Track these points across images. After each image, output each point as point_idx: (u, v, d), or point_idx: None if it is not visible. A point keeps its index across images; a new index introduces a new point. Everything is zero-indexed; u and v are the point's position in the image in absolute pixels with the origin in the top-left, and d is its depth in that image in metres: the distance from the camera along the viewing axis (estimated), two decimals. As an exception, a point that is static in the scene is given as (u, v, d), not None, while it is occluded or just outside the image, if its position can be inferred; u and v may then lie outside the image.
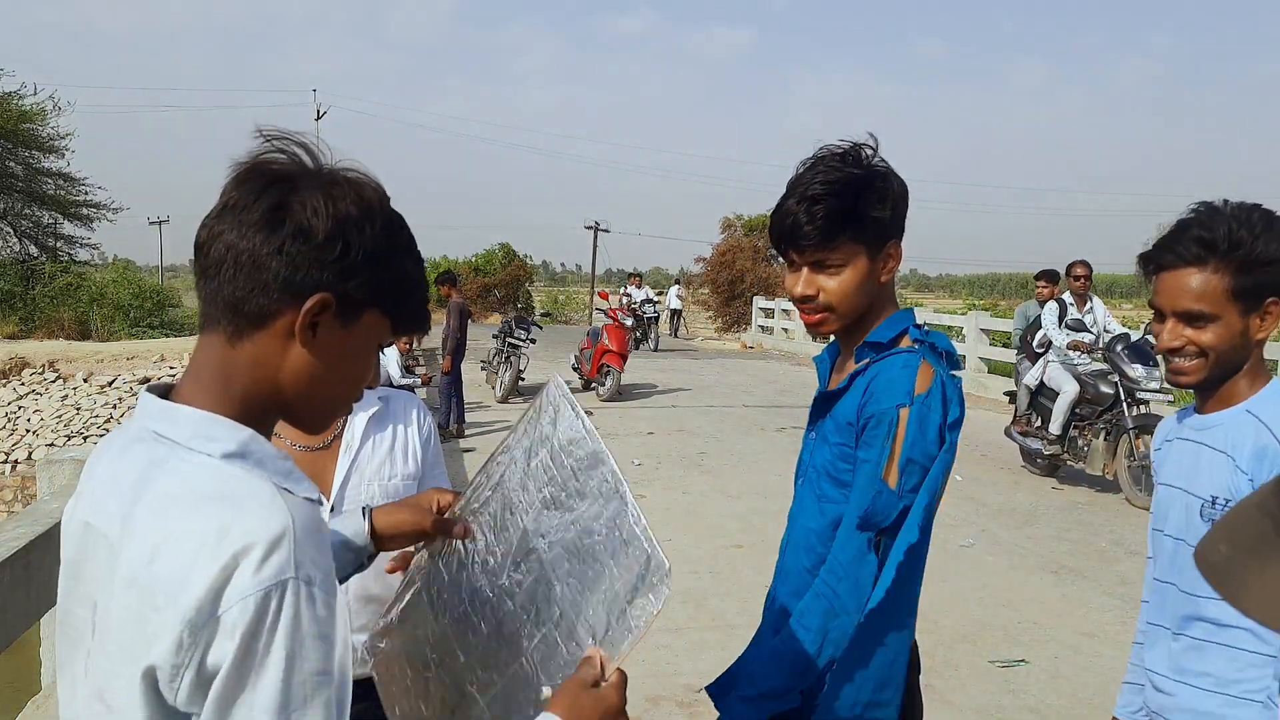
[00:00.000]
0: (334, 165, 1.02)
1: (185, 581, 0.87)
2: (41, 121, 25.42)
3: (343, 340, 1.01)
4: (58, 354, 18.17)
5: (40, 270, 24.65)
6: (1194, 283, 1.51)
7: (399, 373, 9.47)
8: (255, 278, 0.95)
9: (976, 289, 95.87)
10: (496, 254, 35.19)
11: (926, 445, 1.47)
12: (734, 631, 4.61)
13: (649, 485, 7.75)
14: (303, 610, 0.89)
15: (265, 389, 0.99)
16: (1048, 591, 5.31)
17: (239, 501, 0.90)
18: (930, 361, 1.52)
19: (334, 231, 0.96)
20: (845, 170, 1.54)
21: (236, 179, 0.98)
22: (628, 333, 12.85)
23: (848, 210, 1.53)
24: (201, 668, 0.88)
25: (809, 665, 1.47)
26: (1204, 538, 0.66)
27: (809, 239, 1.54)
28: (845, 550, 1.48)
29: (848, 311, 1.59)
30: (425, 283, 1.10)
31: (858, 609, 1.45)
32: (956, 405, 1.53)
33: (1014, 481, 8.07)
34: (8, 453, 14.74)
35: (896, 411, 1.48)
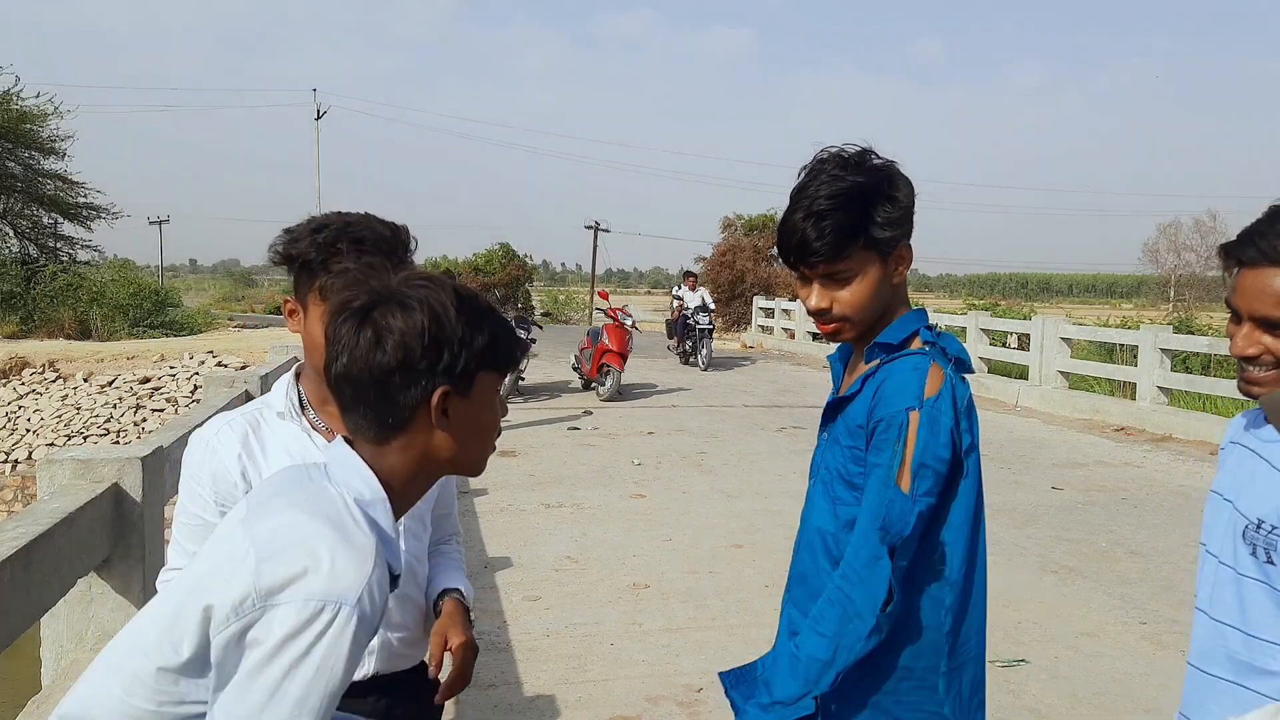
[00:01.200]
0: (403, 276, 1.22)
1: (272, 559, 1.04)
2: (41, 123, 25.41)
3: (469, 407, 1.21)
4: (58, 354, 18.16)
5: (40, 270, 24.65)
6: (1278, 285, 1.33)
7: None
8: (384, 399, 1.16)
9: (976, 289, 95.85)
10: (496, 254, 35.13)
11: (938, 449, 1.46)
12: (734, 631, 4.61)
13: (649, 485, 7.75)
14: (342, 638, 1.03)
15: (415, 466, 1.21)
16: (1048, 591, 5.31)
17: (347, 533, 1.09)
18: (940, 364, 1.51)
19: (426, 341, 1.15)
20: (849, 179, 1.52)
21: (335, 320, 1.19)
22: (627, 332, 12.84)
23: (856, 222, 1.51)
24: (241, 635, 1.03)
25: (823, 671, 1.46)
26: None
27: (819, 255, 1.53)
28: (859, 555, 1.47)
29: (863, 319, 1.58)
30: (506, 323, 1.28)
31: (871, 614, 1.44)
32: (966, 418, 1.51)
33: (1014, 481, 8.07)
34: (8, 452, 14.73)
35: (906, 415, 1.46)
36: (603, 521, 6.63)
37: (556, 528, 6.45)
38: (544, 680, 4.04)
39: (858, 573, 1.46)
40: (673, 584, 5.32)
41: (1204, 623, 1.46)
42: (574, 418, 11.05)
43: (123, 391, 16.46)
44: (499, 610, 4.86)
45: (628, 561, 5.71)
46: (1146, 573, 5.62)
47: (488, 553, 5.84)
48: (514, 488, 7.58)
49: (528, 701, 3.85)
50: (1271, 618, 1.35)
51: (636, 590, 5.23)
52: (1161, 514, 7.00)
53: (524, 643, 4.45)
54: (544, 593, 5.15)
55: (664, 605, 4.99)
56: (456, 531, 1.94)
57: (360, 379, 1.16)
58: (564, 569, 5.57)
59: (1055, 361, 12.77)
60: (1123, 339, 12.77)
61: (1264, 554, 1.35)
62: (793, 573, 1.69)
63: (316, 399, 1.69)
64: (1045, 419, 11.72)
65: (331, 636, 1.02)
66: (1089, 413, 11.63)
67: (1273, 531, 1.34)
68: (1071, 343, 13.06)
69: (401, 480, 1.21)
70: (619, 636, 4.56)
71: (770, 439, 9.95)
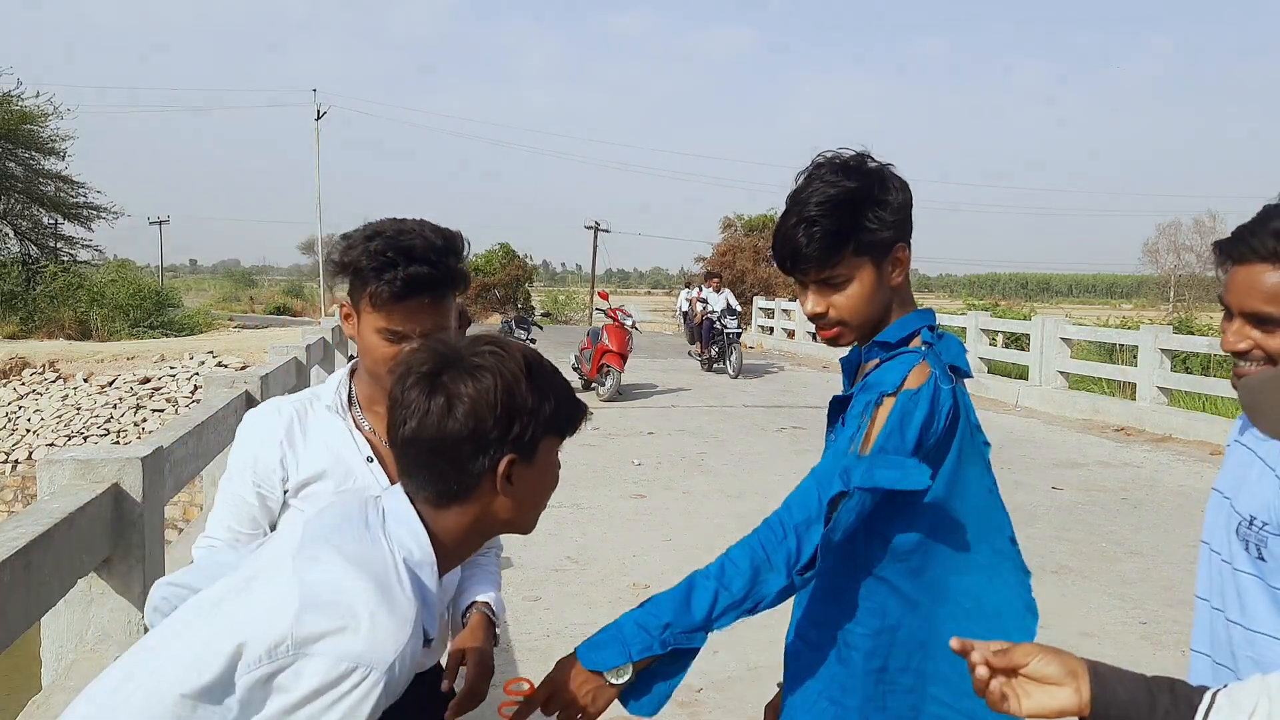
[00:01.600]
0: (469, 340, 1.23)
1: (314, 610, 1.04)
2: (42, 123, 25.44)
3: (532, 473, 1.22)
4: (58, 354, 18.17)
5: (41, 271, 24.66)
6: (1268, 281, 1.35)
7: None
8: (452, 465, 1.16)
9: (977, 289, 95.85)
10: (496, 254, 35.18)
11: (902, 442, 1.44)
12: (734, 632, 4.59)
13: (649, 485, 7.75)
14: (365, 701, 1.04)
15: (471, 528, 1.22)
16: (1048, 592, 5.31)
17: (391, 597, 1.09)
18: (930, 363, 1.51)
19: (499, 411, 1.16)
20: (840, 184, 1.52)
21: (402, 383, 1.19)
22: (627, 333, 12.83)
23: (846, 228, 1.51)
24: (270, 679, 1.03)
25: (724, 607, 1.46)
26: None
27: (810, 261, 1.53)
28: (798, 510, 1.44)
29: (861, 323, 1.58)
30: (569, 388, 1.29)
31: (788, 574, 1.42)
32: (944, 420, 1.47)
33: (1013, 481, 8.07)
34: (8, 453, 14.74)
35: (880, 398, 1.47)
36: (603, 522, 6.63)
37: (556, 528, 6.45)
38: (544, 680, 4.04)
39: (789, 528, 1.43)
40: (673, 584, 5.31)
41: (1205, 611, 1.48)
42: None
43: (123, 392, 16.48)
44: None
45: (628, 562, 5.71)
46: (1147, 573, 5.62)
47: (488, 553, 5.84)
48: (514, 488, 7.58)
49: (528, 702, 3.85)
50: (1266, 610, 1.37)
51: (636, 590, 5.22)
52: (1162, 514, 7.00)
53: (524, 643, 4.45)
54: (544, 593, 5.15)
55: (664, 605, 4.99)
56: (497, 544, 1.95)
57: (429, 444, 1.16)
58: (564, 569, 5.57)
59: (1055, 361, 12.77)
60: (1123, 339, 12.77)
61: (1255, 550, 1.37)
62: None
63: (365, 398, 1.76)
64: (1045, 419, 11.72)
65: (355, 698, 1.03)
66: (1089, 413, 11.63)
67: (1264, 528, 1.36)
68: (1071, 343, 13.06)
69: (455, 541, 1.21)
70: (619, 637, 4.56)
71: (771, 439, 9.95)
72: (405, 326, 1.66)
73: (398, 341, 1.67)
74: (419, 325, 1.67)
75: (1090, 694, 1.07)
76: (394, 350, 1.66)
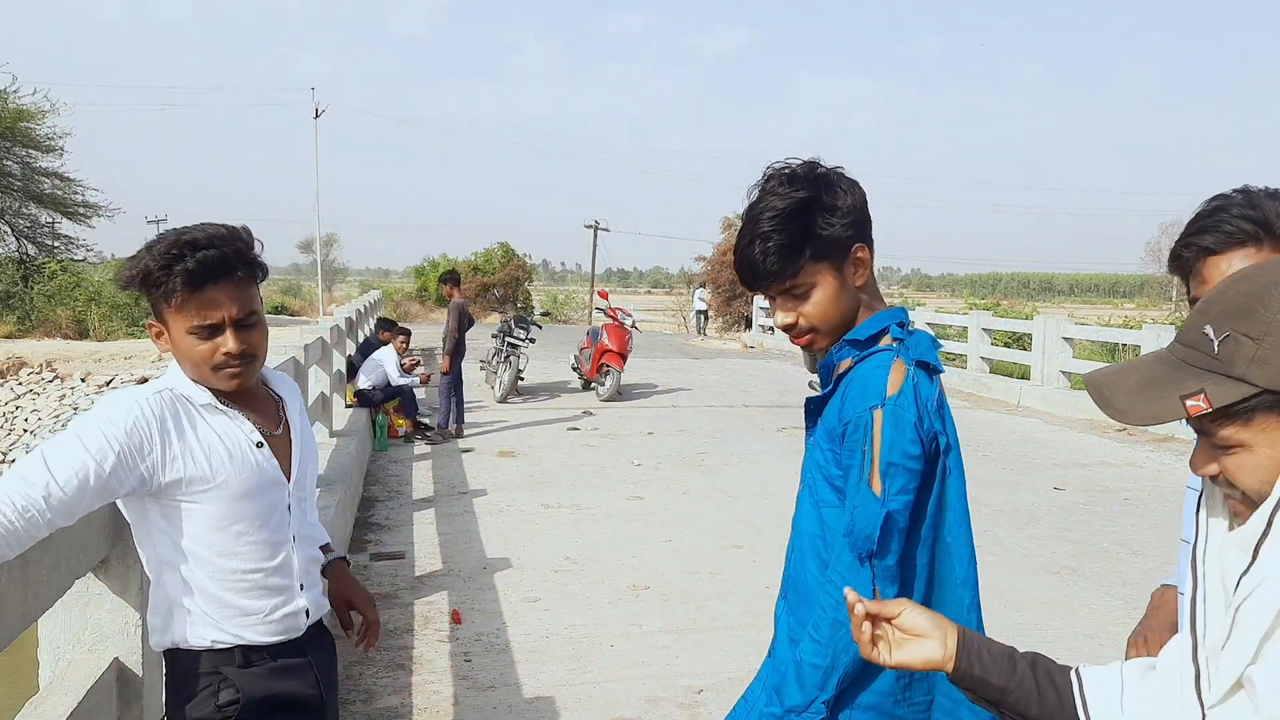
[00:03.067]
0: None
1: None
2: (39, 120, 25.40)
3: None
4: (55, 353, 18.16)
5: (38, 269, 24.64)
6: (1237, 265, 1.34)
7: (397, 372, 9.46)
8: None
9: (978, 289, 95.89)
10: (496, 253, 35.19)
11: (905, 445, 1.47)
12: (734, 633, 4.60)
13: (649, 486, 7.74)
14: None
15: None
16: (1049, 593, 5.30)
17: None
18: (904, 360, 1.53)
19: None
20: (790, 195, 1.55)
21: None
22: (627, 332, 12.81)
23: (799, 238, 1.55)
24: None
25: (826, 676, 1.48)
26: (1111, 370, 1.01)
27: (770, 277, 1.58)
28: (841, 560, 1.50)
29: (831, 327, 1.61)
30: None
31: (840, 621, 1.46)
32: (933, 415, 1.51)
33: (1015, 482, 8.06)
34: (5, 452, 14.72)
35: (870, 414, 1.49)
36: (602, 522, 6.62)
37: (556, 528, 6.44)
38: (544, 682, 4.03)
39: (842, 577, 1.49)
40: (673, 585, 5.31)
41: (1185, 604, 1.51)
42: (574, 418, 11.03)
43: (122, 391, 16.46)
44: (498, 611, 4.85)
45: (627, 562, 5.70)
46: (1148, 573, 5.61)
47: (487, 553, 5.83)
48: (514, 488, 7.57)
49: (527, 703, 3.84)
50: None
51: (636, 591, 5.22)
52: (1163, 514, 6.99)
53: (524, 644, 4.44)
54: (544, 594, 5.14)
55: (664, 606, 4.98)
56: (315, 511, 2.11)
57: None
58: (564, 570, 5.56)
59: (1057, 361, 12.76)
60: (1125, 338, 12.77)
61: None
62: (785, 576, 1.70)
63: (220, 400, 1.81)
64: (1047, 419, 11.71)
65: None
66: (1091, 413, 11.61)
67: None
68: (1074, 342, 13.05)
69: None
70: (619, 638, 4.55)
71: (771, 439, 9.94)
72: (211, 317, 1.70)
73: (210, 336, 1.71)
74: (224, 312, 1.71)
75: (955, 650, 1.14)
76: (210, 346, 1.71)
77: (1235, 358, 0.89)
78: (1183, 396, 0.93)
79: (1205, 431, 0.96)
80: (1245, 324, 0.89)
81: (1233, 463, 0.94)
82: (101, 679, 2.13)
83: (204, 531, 1.74)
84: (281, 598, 1.84)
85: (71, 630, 2.23)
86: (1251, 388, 0.88)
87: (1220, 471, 0.96)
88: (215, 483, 1.72)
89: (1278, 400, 0.88)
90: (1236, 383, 0.89)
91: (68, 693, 2.04)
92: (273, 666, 1.83)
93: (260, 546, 1.79)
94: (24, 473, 1.54)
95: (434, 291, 34.61)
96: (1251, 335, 0.89)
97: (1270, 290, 0.89)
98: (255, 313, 1.78)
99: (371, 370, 9.40)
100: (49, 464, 1.56)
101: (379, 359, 9.52)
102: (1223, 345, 0.90)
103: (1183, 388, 0.93)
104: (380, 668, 4.11)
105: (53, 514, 1.53)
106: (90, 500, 1.61)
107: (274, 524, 1.82)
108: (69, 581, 2.06)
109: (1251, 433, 0.91)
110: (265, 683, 1.81)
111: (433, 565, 5.59)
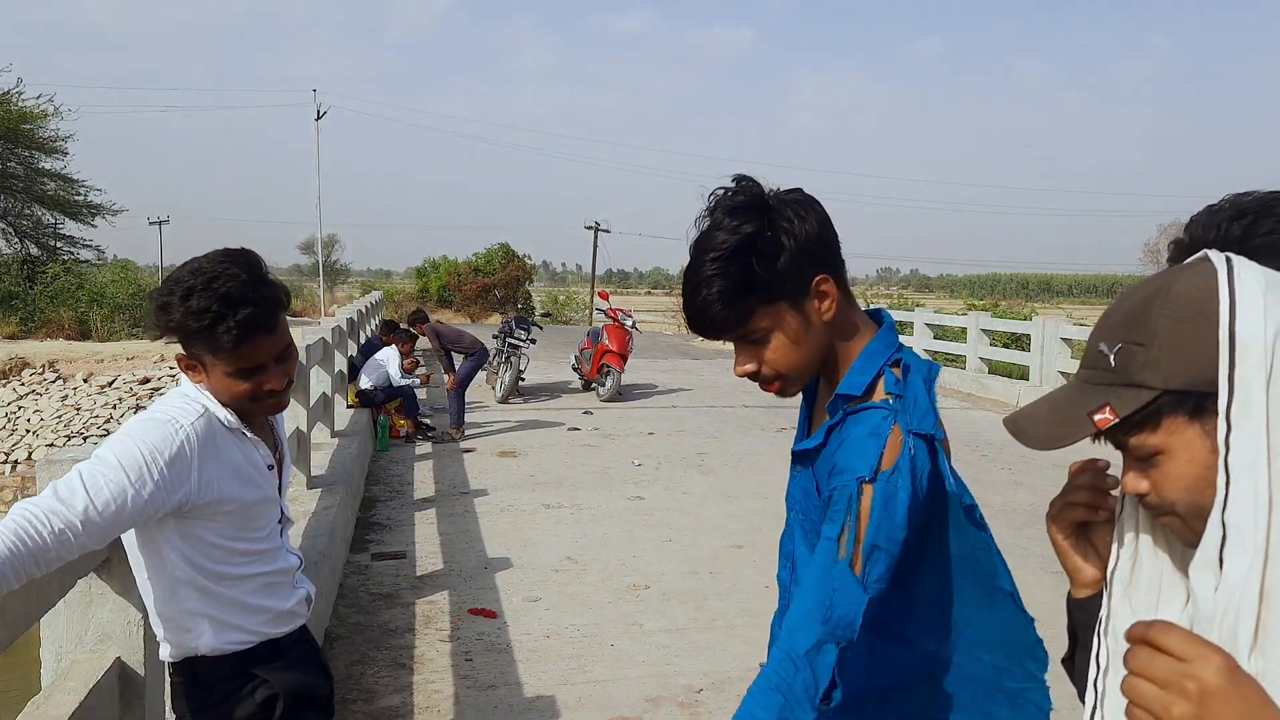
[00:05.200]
0: None
1: None
2: (41, 122, 25.43)
3: None
4: (58, 354, 18.16)
5: (41, 270, 24.64)
6: None
7: (399, 374, 9.47)
8: None
9: (977, 289, 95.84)
10: (496, 254, 35.17)
11: (893, 529, 1.33)
12: (734, 632, 4.61)
13: (649, 486, 7.75)
14: None
15: None
16: (1049, 592, 5.31)
17: None
18: (901, 426, 1.36)
19: None
20: (736, 230, 1.36)
21: None
22: (628, 333, 12.82)
23: (743, 282, 1.37)
24: None
25: None
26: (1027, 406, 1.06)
27: (719, 326, 1.41)
28: (802, 638, 1.32)
29: (798, 372, 1.45)
30: None
31: (813, 706, 1.31)
32: (930, 482, 1.37)
33: (1015, 482, 8.07)
34: (8, 453, 14.73)
35: (858, 485, 1.34)
36: (603, 522, 6.63)
37: (556, 528, 6.45)
38: (544, 681, 4.04)
39: (800, 658, 1.32)
40: (673, 585, 5.31)
41: None
42: (574, 418, 11.04)
43: (122, 392, 16.47)
44: (499, 611, 4.86)
45: (628, 562, 5.71)
46: (1147, 573, 5.62)
47: (488, 553, 5.84)
48: (514, 488, 7.58)
49: (528, 702, 3.85)
50: None
51: (636, 591, 5.22)
52: (1162, 514, 7.00)
53: (524, 643, 4.45)
54: (544, 593, 5.14)
55: (664, 606, 4.99)
56: None
57: None
58: (564, 570, 5.57)
59: (1056, 362, 12.76)
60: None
61: None
62: (782, 601, 1.63)
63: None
64: (1046, 419, 11.71)
65: None
66: (1089, 413, 11.61)
67: None
68: (1072, 343, 13.05)
69: None
70: (619, 637, 4.56)
71: (770, 439, 9.94)
72: (256, 361, 1.76)
73: (253, 376, 1.77)
74: (266, 355, 1.77)
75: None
76: (254, 384, 1.77)
77: (1130, 366, 0.92)
78: (1089, 413, 0.95)
79: (1123, 447, 0.97)
80: (1134, 333, 0.92)
81: (1158, 475, 0.95)
82: (104, 679, 2.14)
83: (217, 546, 1.82)
84: (289, 590, 1.97)
85: (74, 630, 2.24)
86: (1150, 391, 0.90)
87: (1150, 489, 0.96)
88: (236, 504, 1.80)
89: (1178, 399, 0.90)
90: (1136, 389, 0.91)
91: (70, 692, 2.05)
92: (291, 658, 1.95)
93: (263, 555, 1.90)
94: (62, 494, 1.55)
95: (435, 292, 34.63)
96: (1140, 341, 0.91)
97: (1153, 298, 0.92)
98: (289, 344, 1.84)
99: (373, 371, 9.41)
100: (88, 488, 1.57)
101: (381, 359, 9.53)
102: (1118, 357, 0.93)
103: (1089, 405, 0.96)
104: (381, 667, 4.12)
105: (86, 537, 1.55)
106: (126, 525, 1.64)
107: (270, 533, 1.93)
108: (71, 582, 2.07)
109: (1162, 437, 0.92)
110: (289, 674, 1.92)
111: (434, 565, 5.60)
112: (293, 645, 1.97)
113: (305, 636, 2.04)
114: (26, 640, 1.98)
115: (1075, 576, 1.09)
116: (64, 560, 1.53)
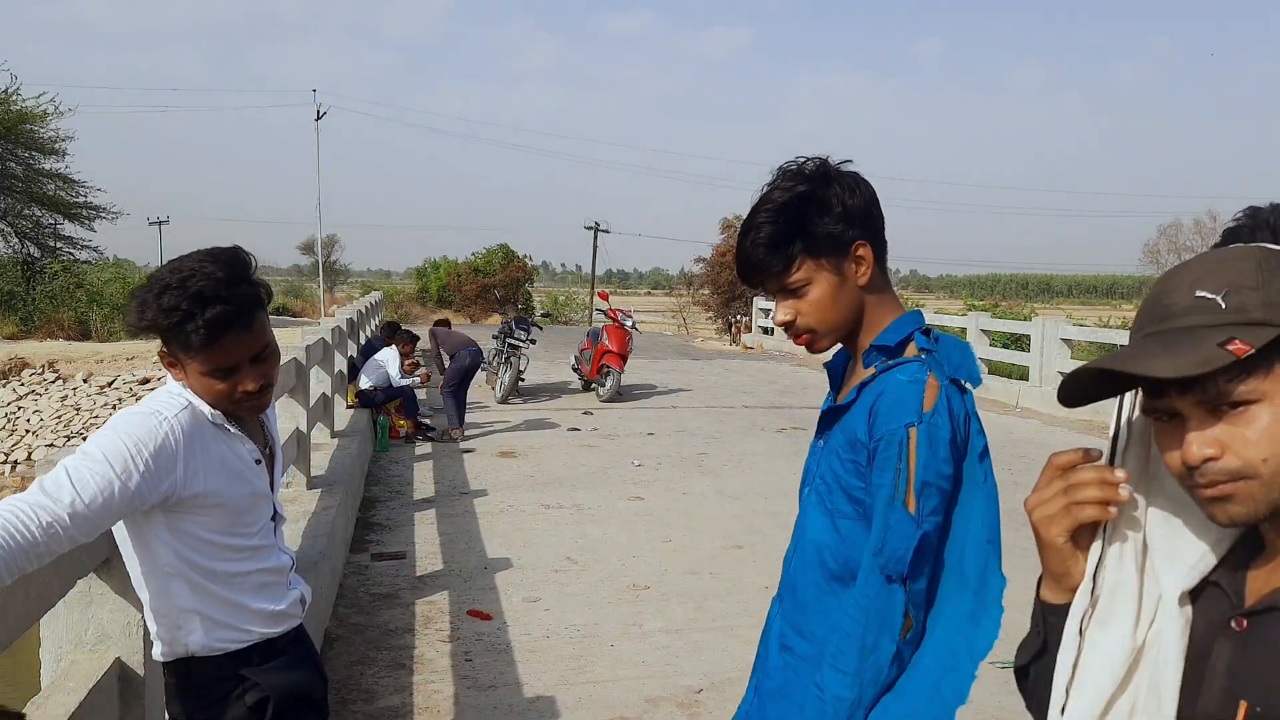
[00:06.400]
0: None
1: None
2: (41, 123, 25.42)
3: None
4: (57, 354, 18.15)
5: (41, 271, 24.64)
6: None
7: (398, 373, 9.47)
8: None
9: (977, 289, 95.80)
10: (496, 254, 35.15)
11: (939, 464, 1.43)
12: (734, 633, 4.61)
13: (649, 486, 7.75)
14: None
15: None
16: (1048, 592, 5.31)
17: None
18: (936, 375, 1.48)
19: None
20: (791, 190, 1.53)
21: None
22: (628, 333, 12.81)
23: (790, 231, 1.52)
24: None
25: (853, 710, 1.43)
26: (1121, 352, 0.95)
27: (765, 270, 1.55)
28: (870, 584, 1.44)
29: (830, 327, 1.57)
30: None
31: (892, 642, 1.42)
32: (965, 427, 1.48)
33: (1015, 482, 8.07)
34: (7, 453, 14.72)
35: (906, 431, 1.43)
36: (603, 522, 6.63)
37: (556, 529, 6.45)
38: (544, 681, 4.04)
39: (871, 601, 1.43)
40: (673, 585, 5.31)
41: None
42: (574, 419, 11.04)
43: (122, 392, 16.47)
44: (499, 611, 4.86)
45: (628, 563, 5.71)
46: (1147, 574, 5.62)
47: (488, 553, 5.84)
48: (514, 488, 7.58)
49: (528, 703, 3.85)
50: None
51: (636, 591, 5.22)
52: (1162, 515, 6.99)
53: (524, 644, 4.44)
54: (544, 594, 5.14)
55: (664, 606, 4.99)
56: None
57: None
58: (564, 570, 5.57)
59: (1056, 362, 12.76)
60: (1123, 339, 12.75)
61: None
62: (784, 582, 1.66)
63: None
64: (1046, 420, 11.72)
65: None
66: (1090, 413, 11.61)
67: None
68: (1072, 343, 13.05)
69: None
70: (619, 638, 4.56)
71: (770, 440, 9.94)
72: (229, 361, 1.74)
73: (228, 376, 1.76)
74: (241, 355, 1.76)
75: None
76: (229, 385, 1.76)
77: (1248, 305, 0.86)
78: (1220, 344, 0.85)
79: (1217, 396, 0.87)
80: (1239, 277, 0.88)
81: (1246, 433, 0.86)
82: (103, 679, 2.14)
83: (208, 542, 1.81)
84: (283, 590, 1.96)
85: (73, 630, 2.24)
86: (1275, 329, 0.85)
87: (1221, 451, 0.87)
88: (225, 498, 1.79)
89: None
90: (1260, 326, 0.85)
91: (69, 693, 2.05)
92: (284, 659, 1.94)
93: (256, 552, 1.89)
94: (48, 489, 1.55)
95: (435, 293, 34.62)
96: (1251, 286, 0.87)
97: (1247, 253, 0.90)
98: (268, 345, 1.83)
99: (373, 371, 9.41)
100: (74, 481, 1.57)
101: (381, 359, 9.53)
102: (1228, 299, 0.87)
103: (1214, 338, 0.86)
104: (381, 667, 4.12)
105: (75, 530, 1.55)
106: (113, 517, 1.64)
107: (262, 530, 1.92)
108: (71, 582, 2.07)
109: (1271, 383, 0.86)
110: (282, 675, 1.91)
111: (434, 565, 5.60)
112: (288, 646, 1.97)
113: (301, 637, 2.04)
114: (27, 640, 1.98)
115: (1063, 580, 1.00)
116: (54, 554, 1.53)
